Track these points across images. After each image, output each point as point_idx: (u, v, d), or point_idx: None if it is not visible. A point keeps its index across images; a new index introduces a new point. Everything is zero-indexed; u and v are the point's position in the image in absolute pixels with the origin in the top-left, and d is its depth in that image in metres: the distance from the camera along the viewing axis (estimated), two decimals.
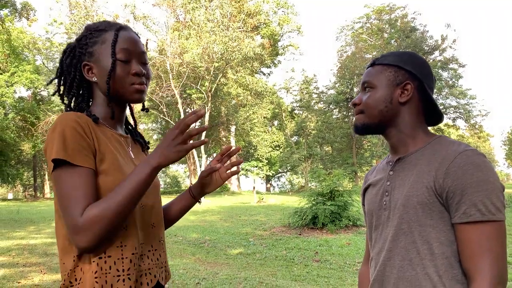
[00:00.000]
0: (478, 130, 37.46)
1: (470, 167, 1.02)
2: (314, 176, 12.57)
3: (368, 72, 1.24)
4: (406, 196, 1.11)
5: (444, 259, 1.06)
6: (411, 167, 1.15)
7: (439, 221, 1.07)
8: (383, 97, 1.18)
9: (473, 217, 1.00)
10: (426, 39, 31.74)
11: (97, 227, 0.98)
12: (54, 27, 31.82)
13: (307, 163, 35.45)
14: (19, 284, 5.08)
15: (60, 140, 1.02)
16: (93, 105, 1.22)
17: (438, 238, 1.07)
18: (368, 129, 1.22)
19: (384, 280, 1.15)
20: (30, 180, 46.55)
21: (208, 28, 25.55)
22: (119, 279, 1.05)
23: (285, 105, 41.39)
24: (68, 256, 1.06)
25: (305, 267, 6.72)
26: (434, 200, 1.07)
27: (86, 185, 1.02)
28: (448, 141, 1.14)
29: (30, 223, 13.33)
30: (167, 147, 1.03)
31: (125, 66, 1.16)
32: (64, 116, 1.07)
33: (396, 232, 1.13)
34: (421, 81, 1.18)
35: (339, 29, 39.25)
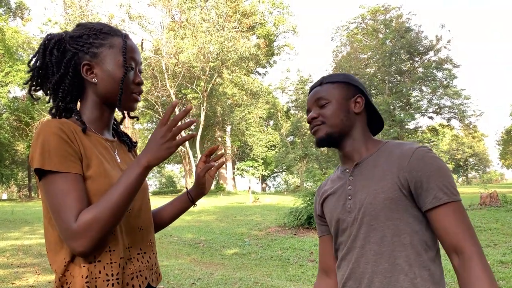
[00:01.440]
0: (472, 130, 37.62)
1: (428, 158, 1.17)
2: (310, 176, 12.61)
3: (318, 90, 1.35)
4: (373, 194, 1.20)
5: (412, 248, 1.15)
6: (370, 168, 1.26)
7: (404, 213, 1.17)
8: (341, 108, 1.30)
9: (443, 199, 1.13)
10: (421, 39, 31.83)
11: (92, 231, 0.98)
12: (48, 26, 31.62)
13: (302, 163, 35.53)
14: (13, 285, 5.07)
15: (44, 149, 1.01)
16: (83, 106, 1.20)
17: (405, 230, 1.16)
18: (331, 138, 1.30)
19: (359, 276, 1.21)
20: (25, 180, 46.32)
21: (203, 28, 25.54)
22: (108, 283, 1.05)
23: (280, 105, 41.46)
24: (59, 260, 1.06)
25: (300, 267, 6.74)
26: (399, 194, 1.17)
27: (76, 191, 1.01)
28: (398, 142, 1.28)
29: (25, 223, 13.27)
30: (156, 145, 1.03)
31: (131, 74, 1.19)
32: (47, 124, 1.05)
33: (367, 229, 1.20)
34: (365, 95, 1.34)
35: (334, 29, 39.45)
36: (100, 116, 1.21)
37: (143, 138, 38.45)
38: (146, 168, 1.03)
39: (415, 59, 33.21)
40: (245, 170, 37.46)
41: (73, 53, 1.15)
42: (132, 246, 1.15)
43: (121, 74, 1.16)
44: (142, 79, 1.22)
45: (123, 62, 1.16)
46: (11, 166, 37.60)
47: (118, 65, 1.16)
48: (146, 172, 1.04)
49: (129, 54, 1.18)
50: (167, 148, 1.03)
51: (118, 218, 1.02)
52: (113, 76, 1.16)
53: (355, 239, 1.23)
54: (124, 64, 1.16)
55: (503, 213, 11.43)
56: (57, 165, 1.01)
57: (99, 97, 1.18)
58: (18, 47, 31.49)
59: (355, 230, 1.24)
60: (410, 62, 33.36)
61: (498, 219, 10.27)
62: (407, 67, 33.34)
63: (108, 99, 1.18)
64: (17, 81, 29.78)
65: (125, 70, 1.16)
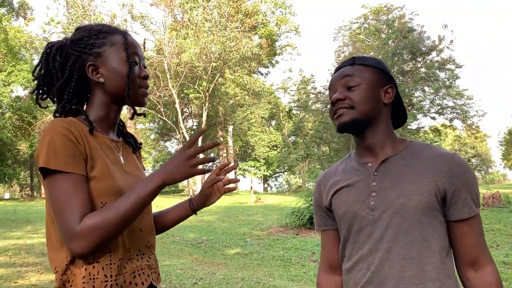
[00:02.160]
0: (475, 131, 37.54)
1: (466, 167, 1.14)
2: (312, 176, 12.63)
3: (348, 69, 1.23)
4: (407, 196, 1.12)
5: (439, 255, 1.12)
6: (401, 167, 1.17)
7: (434, 219, 1.13)
8: (372, 95, 1.20)
9: (474, 212, 1.13)
10: (423, 39, 31.77)
11: (95, 236, 0.98)
12: (51, 26, 31.73)
13: (304, 163, 35.52)
14: (16, 284, 5.07)
15: (50, 149, 1.02)
16: (90, 106, 1.21)
17: (434, 236, 1.12)
18: (355, 125, 1.19)
19: (382, 280, 1.13)
20: (27, 180, 46.43)
21: (205, 28, 25.55)
22: (107, 284, 1.05)
23: (282, 105, 41.48)
24: (60, 259, 1.06)
25: (302, 267, 6.73)
26: (434, 199, 1.12)
27: (80, 192, 1.02)
28: (426, 144, 1.24)
29: (27, 222, 13.30)
30: (176, 166, 1.05)
31: (136, 69, 1.20)
32: (54, 123, 1.06)
33: (396, 231, 1.12)
34: (396, 87, 1.25)
35: (336, 29, 39.40)
36: (106, 115, 1.21)
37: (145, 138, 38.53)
38: (160, 186, 1.05)
39: (417, 59, 33.16)
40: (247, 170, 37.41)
41: (76, 56, 1.17)
42: (131, 247, 1.15)
43: (126, 69, 1.17)
44: (147, 73, 1.24)
45: (127, 57, 1.17)
46: (14, 165, 37.69)
47: (122, 61, 1.17)
48: (159, 189, 1.06)
49: (131, 50, 1.19)
50: (184, 172, 1.05)
51: (122, 229, 1.03)
52: (119, 72, 1.17)
53: (380, 241, 1.14)
54: (127, 59, 1.17)
55: (506, 213, 11.39)
56: (62, 165, 1.01)
57: (108, 95, 1.19)
58: (21, 47, 31.60)
59: (379, 231, 1.15)
60: (412, 63, 33.32)
61: (501, 220, 10.24)
62: (409, 67, 33.31)
63: (117, 96, 1.19)
64: (19, 81, 29.86)
65: (130, 65, 1.17)
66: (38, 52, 33.31)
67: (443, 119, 35.72)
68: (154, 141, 41.05)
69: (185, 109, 34.10)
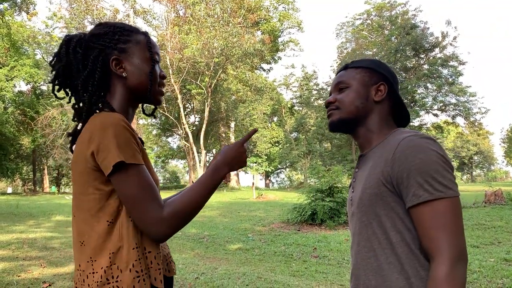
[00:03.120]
0: (477, 128, 37.50)
1: (412, 150, 1.06)
2: (313, 172, 12.61)
3: (341, 74, 1.32)
4: (362, 190, 1.17)
5: (404, 246, 1.08)
6: (368, 161, 1.22)
7: (392, 209, 1.10)
8: (359, 94, 1.25)
9: (423, 198, 1.03)
10: (426, 36, 31.64)
11: (179, 221, 1.09)
12: (53, 21, 31.75)
13: (306, 160, 35.52)
14: (19, 278, 5.10)
15: (119, 143, 1.04)
16: (110, 99, 1.23)
17: (394, 226, 1.09)
18: (343, 124, 1.27)
19: (357, 272, 1.19)
20: (30, 174, 46.58)
21: (208, 23, 25.52)
22: (160, 271, 1.13)
23: (284, 101, 41.43)
24: (103, 254, 1.07)
25: (303, 262, 6.75)
26: (383, 189, 1.10)
27: (151, 181, 1.10)
28: (400, 131, 1.19)
29: (30, 217, 13.36)
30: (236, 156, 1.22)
31: (156, 68, 1.27)
32: (111, 116, 1.08)
33: (360, 225, 1.18)
34: (392, 84, 1.27)
35: (339, 25, 39.19)
36: (127, 109, 1.26)
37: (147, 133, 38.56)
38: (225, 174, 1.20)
39: (420, 56, 33.05)
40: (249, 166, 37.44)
41: (99, 49, 1.20)
42: None
43: (149, 68, 1.24)
44: (165, 73, 1.32)
45: (150, 56, 1.24)
46: (16, 160, 37.82)
47: (146, 60, 1.24)
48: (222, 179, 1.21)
49: (154, 50, 1.26)
50: (243, 161, 1.24)
51: (195, 214, 1.15)
52: (142, 69, 1.23)
53: (354, 234, 1.22)
54: (151, 58, 1.25)
55: (508, 211, 11.39)
56: (133, 157, 1.07)
57: (128, 90, 1.24)
58: (24, 42, 31.61)
59: (353, 225, 1.23)
60: (415, 59, 33.22)
61: (503, 217, 10.24)
62: (412, 64, 33.21)
63: (137, 92, 1.24)
64: (22, 75, 29.91)
65: (152, 64, 1.24)
66: (41, 47, 33.37)
67: (445, 116, 35.68)
68: (156, 137, 41.11)
69: (187, 104, 34.11)
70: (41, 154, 38.33)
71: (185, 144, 32.00)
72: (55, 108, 28.79)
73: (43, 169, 41.89)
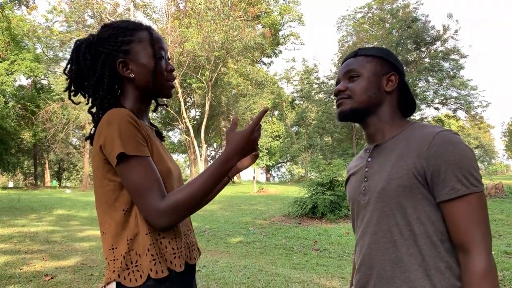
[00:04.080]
0: (478, 121, 37.37)
1: (449, 145, 1.08)
2: (314, 166, 12.63)
3: (351, 61, 1.29)
4: (387, 180, 1.15)
5: (426, 238, 1.10)
6: (389, 152, 1.20)
7: (419, 202, 1.10)
8: (371, 84, 1.23)
9: (460, 192, 1.05)
10: (427, 29, 31.46)
11: (181, 211, 1.09)
12: (53, 15, 31.63)
13: (307, 153, 35.54)
14: (21, 271, 5.13)
15: (122, 136, 1.08)
16: (123, 101, 1.27)
17: (419, 219, 1.10)
18: (355, 113, 1.25)
19: (371, 262, 1.18)
20: (31, 169, 46.67)
21: (208, 17, 25.41)
22: (175, 256, 1.17)
23: (285, 95, 41.37)
24: (122, 240, 1.13)
25: (304, 255, 6.77)
26: (414, 181, 1.10)
27: (154, 173, 1.11)
28: (422, 125, 1.20)
29: (31, 211, 13.41)
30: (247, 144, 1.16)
31: (162, 63, 1.27)
32: (117, 111, 1.12)
33: (380, 215, 1.16)
34: (402, 74, 1.27)
35: (340, 19, 39.00)
36: (139, 108, 1.29)
37: None
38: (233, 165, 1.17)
39: (421, 49, 32.89)
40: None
41: (106, 54, 1.23)
42: (183, 223, 1.27)
43: (153, 64, 1.24)
44: (173, 66, 1.31)
45: (153, 53, 1.24)
46: (17, 154, 37.87)
47: (149, 57, 1.24)
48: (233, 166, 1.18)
49: (157, 45, 1.26)
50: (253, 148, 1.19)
51: (201, 204, 1.16)
52: (148, 67, 1.24)
53: (368, 224, 1.20)
54: (154, 54, 1.24)
55: (508, 204, 11.41)
56: (137, 149, 1.10)
57: (138, 90, 1.27)
58: (24, 36, 31.50)
59: (368, 215, 1.20)
60: (416, 52, 33.07)
61: (503, 210, 10.26)
62: (413, 57, 33.07)
63: (147, 90, 1.26)
64: (22, 70, 29.87)
65: (156, 60, 1.24)
66: (41, 41, 33.27)
67: (446, 110, 35.57)
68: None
69: (188, 98, 34.07)
70: (42, 149, 38.39)
71: (186, 138, 32.01)
72: (56, 102, 28.78)
73: (44, 164, 41.97)
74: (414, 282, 1.09)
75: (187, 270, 1.22)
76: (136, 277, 1.10)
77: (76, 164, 46.04)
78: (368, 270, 1.19)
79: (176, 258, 1.16)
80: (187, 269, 1.22)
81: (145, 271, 1.10)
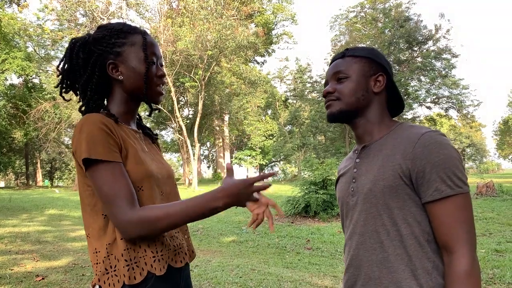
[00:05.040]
0: (470, 120, 37.63)
1: (435, 146, 1.08)
2: (307, 165, 12.66)
3: (339, 63, 1.28)
4: (373, 181, 1.16)
5: (412, 239, 1.10)
6: (376, 153, 1.21)
7: (405, 203, 1.11)
8: (359, 85, 1.23)
9: (445, 193, 1.06)
10: (420, 29, 31.62)
11: (145, 228, 1.07)
12: (45, 13, 31.34)
13: (300, 152, 35.57)
14: (12, 271, 5.09)
15: (90, 141, 1.08)
16: (110, 102, 1.28)
17: (405, 219, 1.11)
18: (343, 115, 1.26)
19: (359, 263, 1.19)
20: (22, 168, 46.27)
21: (201, 15, 25.32)
22: (155, 259, 1.15)
23: (278, 94, 41.37)
24: (103, 245, 1.12)
25: (297, 254, 6.79)
26: (400, 183, 1.11)
27: (123, 178, 1.10)
28: (409, 125, 1.21)
29: (23, 211, 13.30)
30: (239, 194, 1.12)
31: (153, 68, 1.26)
32: (89, 117, 1.12)
33: (366, 216, 1.17)
34: (389, 74, 1.27)
35: (333, 18, 39.09)
36: (127, 110, 1.29)
37: None
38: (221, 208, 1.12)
39: (413, 49, 33.05)
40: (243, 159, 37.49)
41: (98, 54, 1.23)
42: None
43: (144, 69, 1.23)
44: (164, 72, 1.29)
45: (145, 57, 1.23)
46: (9, 153, 37.52)
47: (140, 61, 1.23)
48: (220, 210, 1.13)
49: (150, 50, 1.25)
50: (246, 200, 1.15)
51: (172, 229, 1.11)
52: (137, 71, 1.23)
53: (356, 225, 1.20)
54: (146, 59, 1.23)
55: (499, 202, 11.52)
56: (103, 154, 1.09)
57: (126, 92, 1.26)
58: (15, 34, 31.18)
59: (356, 216, 1.21)
60: (408, 52, 33.23)
61: (494, 209, 10.35)
62: (405, 56, 33.22)
63: (134, 94, 1.26)
64: (13, 68, 29.56)
65: (147, 65, 1.23)
66: (32, 39, 32.95)
67: (438, 109, 35.78)
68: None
69: (181, 98, 33.95)
70: (34, 148, 38.10)
71: (179, 138, 31.90)
72: (47, 102, 28.54)
73: (36, 163, 41.64)
74: (402, 283, 1.09)
75: (171, 274, 1.20)
76: (114, 282, 1.09)
77: (68, 163, 45.73)
78: (356, 271, 1.20)
79: (156, 262, 1.14)
80: (171, 272, 1.20)
81: (121, 277, 1.09)
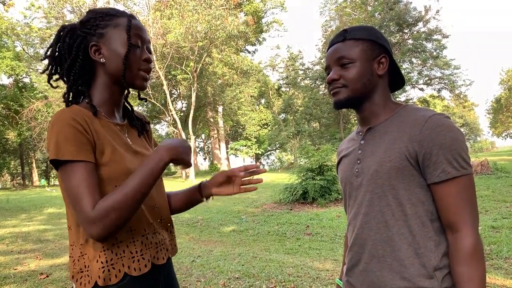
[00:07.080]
0: (462, 100, 37.73)
1: (442, 128, 1.10)
2: (303, 152, 12.70)
3: (340, 47, 1.26)
4: (379, 163, 1.18)
5: (416, 218, 1.14)
6: (381, 135, 1.22)
7: (410, 183, 1.14)
8: (365, 70, 1.22)
9: (451, 174, 1.09)
10: (409, 10, 31.52)
11: (109, 218, 1.01)
12: (32, 11, 30.96)
13: (295, 140, 35.59)
14: (15, 271, 5.13)
15: (59, 140, 1.04)
16: (93, 87, 1.23)
17: (410, 200, 1.14)
18: (351, 102, 1.25)
19: (363, 242, 1.22)
20: (18, 169, 46.06)
21: (190, 7, 25.12)
22: (134, 259, 1.13)
23: (271, 83, 41.23)
24: (78, 243, 1.12)
25: (297, 240, 6.87)
26: (406, 164, 1.13)
27: (91, 179, 1.05)
28: (415, 108, 1.22)
29: (21, 211, 13.30)
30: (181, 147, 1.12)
31: (137, 51, 1.20)
32: (60, 114, 1.08)
33: (372, 197, 1.19)
34: (390, 53, 1.26)
35: (323, 3, 38.91)
36: (110, 97, 1.24)
37: None
38: (167, 163, 1.10)
39: (404, 31, 32.97)
40: (239, 149, 37.53)
41: (82, 37, 1.19)
42: (153, 221, 1.23)
43: (125, 51, 1.18)
44: (150, 57, 1.24)
45: (128, 39, 1.18)
46: (3, 155, 37.35)
47: (122, 43, 1.18)
48: (166, 166, 1.11)
49: (134, 32, 1.20)
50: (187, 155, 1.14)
51: (136, 207, 1.06)
52: (119, 54, 1.18)
53: (361, 205, 1.23)
54: (128, 41, 1.18)
55: (494, 180, 11.64)
56: (72, 154, 1.04)
57: (108, 76, 1.21)
58: (2, 34, 30.83)
59: (360, 196, 1.23)
60: (399, 34, 33.16)
61: (489, 186, 10.47)
62: (396, 39, 33.15)
63: (117, 78, 1.20)
64: (3, 69, 29.29)
65: (129, 47, 1.18)
66: (21, 39, 32.60)
67: (431, 90, 35.84)
68: None
69: (174, 90, 33.82)
70: (28, 148, 37.86)
71: (174, 131, 31.82)
72: (39, 101, 28.33)
73: (31, 163, 41.44)
74: (405, 261, 1.13)
75: (152, 272, 1.18)
76: (85, 282, 1.09)
77: None
78: (360, 249, 1.23)
79: (135, 262, 1.12)
80: (152, 270, 1.18)
81: (93, 277, 1.08)
